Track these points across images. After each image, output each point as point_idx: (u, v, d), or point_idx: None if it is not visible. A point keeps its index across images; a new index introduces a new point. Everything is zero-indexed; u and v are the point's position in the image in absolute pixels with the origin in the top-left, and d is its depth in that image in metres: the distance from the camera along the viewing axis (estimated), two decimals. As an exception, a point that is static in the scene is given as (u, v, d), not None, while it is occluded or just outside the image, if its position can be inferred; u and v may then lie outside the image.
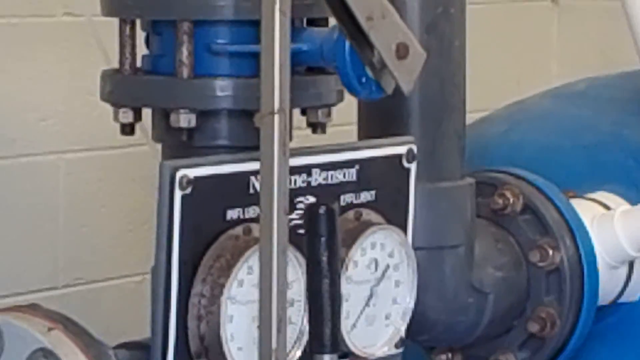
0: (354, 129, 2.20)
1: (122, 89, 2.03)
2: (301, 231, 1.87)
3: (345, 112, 2.11)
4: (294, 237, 1.83)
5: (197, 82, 1.95)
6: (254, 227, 1.86)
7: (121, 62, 2.02)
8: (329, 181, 1.98)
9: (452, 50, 2.27)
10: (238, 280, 1.84)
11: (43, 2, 3.01)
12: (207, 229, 1.85)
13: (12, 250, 3.13)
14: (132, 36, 2.02)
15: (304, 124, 2.01)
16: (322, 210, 1.84)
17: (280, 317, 1.77)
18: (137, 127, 2.03)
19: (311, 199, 1.95)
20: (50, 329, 1.77)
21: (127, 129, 2.03)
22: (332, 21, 1.97)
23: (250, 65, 1.92)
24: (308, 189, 1.95)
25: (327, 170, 1.98)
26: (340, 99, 2.03)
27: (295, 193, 1.90)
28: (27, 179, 3.08)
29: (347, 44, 1.88)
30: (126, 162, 2.70)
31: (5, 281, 3.00)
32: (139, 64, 2.02)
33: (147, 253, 1.86)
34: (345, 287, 1.89)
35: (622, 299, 2.44)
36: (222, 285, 1.83)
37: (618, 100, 2.62)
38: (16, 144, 3.08)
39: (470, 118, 2.33)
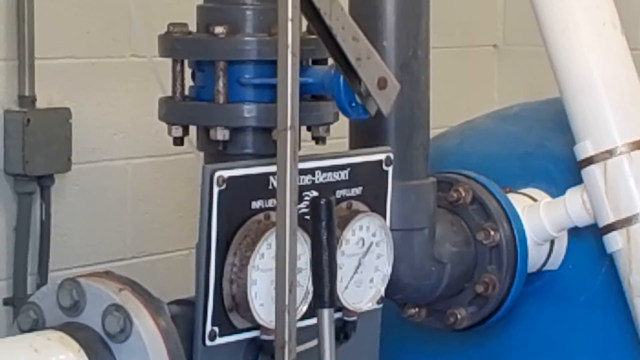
0: (346, 141, 2.19)
1: (174, 111, 2.04)
2: (307, 217, 1.87)
3: (340, 129, 2.11)
4: (301, 222, 1.82)
5: (230, 107, 1.96)
6: (272, 214, 1.87)
7: (173, 91, 2.02)
8: (328, 180, 1.98)
9: (419, 83, 2.24)
10: (260, 254, 1.84)
11: (115, 46, 3.05)
12: (237, 215, 1.86)
13: (93, 231, 3.12)
14: (182, 72, 2.02)
15: (310, 137, 2.03)
16: (322, 202, 1.86)
17: (292, 281, 1.77)
18: (186, 139, 2.03)
19: (314, 193, 1.94)
20: (120, 290, 1.78)
21: (178, 141, 2.04)
22: (331, 61, 1.97)
23: (269, 94, 1.93)
24: (312, 186, 1.95)
25: (326, 171, 1.97)
26: (336, 118, 2.05)
27: (302, 189, 1.90)
28: (104, 178, 3.10)
29: (341, 78, 1.89)
30: (177, 166, 2.67)
31: (87, 254, 3.01)
32: (186, 92, 2.03)
33: (193, 233, 1.87)
34: (339, 259, 1.88)
35: (546, 268, 2.42)
36: (248, 257, 1.83)
37: (542, 120, 2.60)
38: (96, 152, 3.07)
39: (433, 133, 2.31)
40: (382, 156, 2.06)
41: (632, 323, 2.31)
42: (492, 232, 2.31)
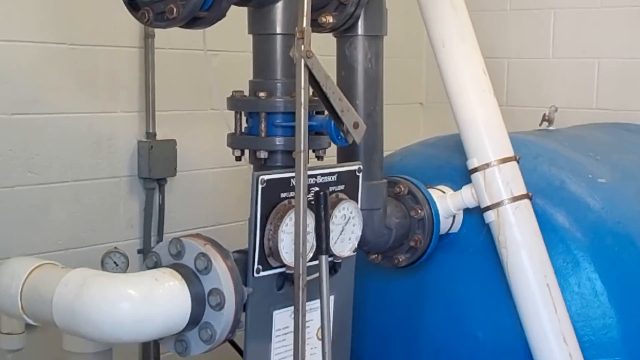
0: (334, 158, 2.18)
1: (235, 141, 2.05)
2: (312, 202, 1.88)
3: (331, 151, 2.11)
4: (309, 205, 1.86)
5: (268, 139, 1.97)
6: (292, 200, 1.88)
7: (235, 129, 2.04)
8: (324, 181, 1.99)
9: (377, 125, 2.21)
10: (285, 223, 1.86)
11: (201, 102, 2.96)
12: (272, 201, 1.88)
13: (188, 211, 3.09)
14: (240, 118, 2.03)
15: (314, 156, 2.02)
16: (321, 194, 1.88)
17: (304, 240, 1.81)
18: (242, 158, 2.04)
19: (317, 189, 1.95)
20: (204, 244, 1.81)
21: (238, 159, 2.05)
22: (326, 112, 1.94)
23: (291, 131, 1.91)
24: (315, 184, 1.96)
25: (324, 176, 1.98)
26: (329, 145, 2.06)
27: (309, 186, 1.90)
28: (193, 183, 3.07)
29: (332, 122, 1.91)
30: (239, 174, 2.66)
31: (186, 224, 2.93)
32: (242, 130, 2.04)
33: (247, 212, 1.89)
34: (331, 227, 1.91)
35: (451, 231, 2.41)
36: (279, 225, 1.86)
37: (449, 146, 2.54)
38: (191, 165, 3.01)
39: (385, 153, 2.30)
40: (355, 167, 2.08)
41: (501, 264, 2.28)
42: (419, 211, 2.30)
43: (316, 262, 1.88)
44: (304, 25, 1.75)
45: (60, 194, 2.75)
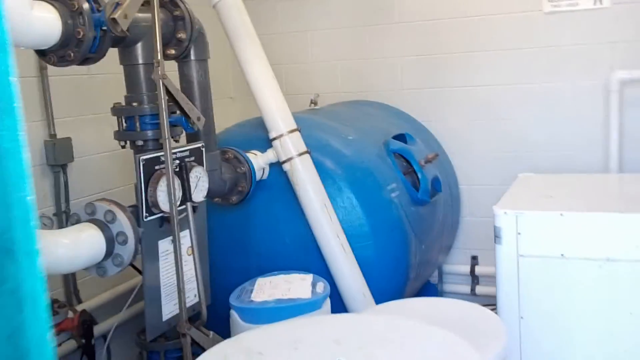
0: (185, 140, 2.10)
1: (121, 135, 1.93)
2: (177, 170, 1.86)
3: (184, 136, 2.01)
4: (175, 172, 1.83)
5: (142, 132, 1.88)
6: (163, 170, 1.82)
7: (119, 127, 1.92)
8: (182, 155, 1.93)
9: (210, 117, 2.13)
10: (160, 185, 1.81)
11: (84, 110, 2.56)
12: (149, 172, 1.82)
13: (86, 188, 2.63)
14: (121, 120, 1.92)
15: (172, 141, 1.89)
16: (182, 164, 1.85)
17: (174, 193, 1.74)
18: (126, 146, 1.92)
19: (177, 161, 1.89)
20: (109, 204, 1.75)
21: (123, 147, 1.95)
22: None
23: (157, 126, 1.83)
24: (176, 158, 1.88)
25: (181, 152, 1.92)
26: (182, 132, 1.98)
27: (175, 159, 1.83)
28: (85, 165, 2.58)
29: (183, 118, 1.89)
30: (116, 156, 2.66)
31: (85, 195, 2.57)
32: (124, 127, 1.93)
33: (126, 180, 1.77)
34: (191, 184, 1.89)
35: (263, 178, 2.36)
36: (156, 187, 1.81)
37: (256, 124, 2.46)
38: (78, 153, 2.57)
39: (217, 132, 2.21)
40: (200, 144, 2.03)
41: (295, 195, 2.30)
42: (242, 168, 2.28)
43: (183, 207, 1.90)
44: (159, 57, 1.78)
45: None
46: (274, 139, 2.36)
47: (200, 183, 1.97)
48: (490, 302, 2.23)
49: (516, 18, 3.03)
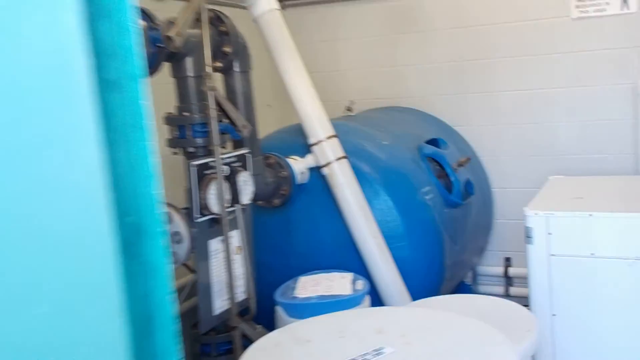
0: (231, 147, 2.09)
1: (174, 143, 1.98)
2: (225, 175, 1.92)
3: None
4: (226, 177, 1.88)
5: (194, 139, 1.94)
6: (213, 174, 1.85)
7: (171, 136, 1.96)
8: (229, 161, 1.98)
9: (254, 124, 2.18)
10: (211, 188, 1.85)
11: None
12: (200, 176, 1.85)
13: None
14: (173, 129, 1.97)
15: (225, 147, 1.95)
16: (232, 170, 1.90)
17: (223, 197, 1.79)
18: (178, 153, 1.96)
19: (226, 167, 1.94)
20: (166, 207, 1.86)
21: (176, 153, 1.99)
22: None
23: (206, 134, 1.90)
24: (224, 164, 1.93)
25: (229, 158, 1.97)
26: (228, 140, 2.02)
27: (224, 164, 1.89)
28: None
29: (230, 126, 1.97)
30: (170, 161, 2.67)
31: None
32: (176, 135, 1.98)
33: (176, 187, 1.82)
34: (238, 187, 1.94)
35: (303, 182, 2.36)
36: (207, 191, 1.85)
37: (296, 130, 2.49)
38: None
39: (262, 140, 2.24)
40: (246, 151, 2.09)
41: (334, 198, 2.27)
42: (284, 173, 2.32)
43: (232, 209, 1.97)
44: (209, 70, 1.89)
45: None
46: (313, 144, 2.38)
47: (246, 186, 2.02)
48: (524, 304, 2.22)
49: (544, 24, 3.06)
